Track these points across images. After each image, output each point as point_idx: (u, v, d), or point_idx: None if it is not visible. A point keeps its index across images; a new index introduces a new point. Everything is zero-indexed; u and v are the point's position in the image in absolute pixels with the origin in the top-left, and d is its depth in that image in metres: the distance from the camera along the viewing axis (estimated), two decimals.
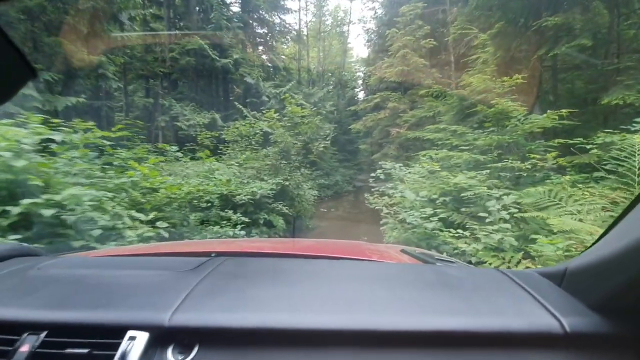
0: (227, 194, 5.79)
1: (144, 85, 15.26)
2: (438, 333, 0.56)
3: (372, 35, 22.45)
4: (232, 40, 15.47)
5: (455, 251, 3.20)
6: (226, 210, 5.46)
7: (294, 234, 7.41)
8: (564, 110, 4.67)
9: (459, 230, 3.46)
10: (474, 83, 7.27)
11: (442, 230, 3.62)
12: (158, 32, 14.91)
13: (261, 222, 6.04)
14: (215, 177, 6.06)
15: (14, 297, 0.67)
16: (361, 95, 23.72)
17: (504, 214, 3.29)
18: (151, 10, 14.88)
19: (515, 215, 3.34)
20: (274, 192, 6.76)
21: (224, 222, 5.36)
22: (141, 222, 3.49)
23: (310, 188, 12.38)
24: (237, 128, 8.24)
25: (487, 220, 3.39)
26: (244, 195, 5.91)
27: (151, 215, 3.67)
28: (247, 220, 5.55)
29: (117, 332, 0.56)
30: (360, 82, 25.57)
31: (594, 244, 0.67)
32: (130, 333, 0.55)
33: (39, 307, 0.62)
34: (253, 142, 8.50)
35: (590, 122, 6.30)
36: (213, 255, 0.98)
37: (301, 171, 10.65)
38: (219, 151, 8.83)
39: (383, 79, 12.31)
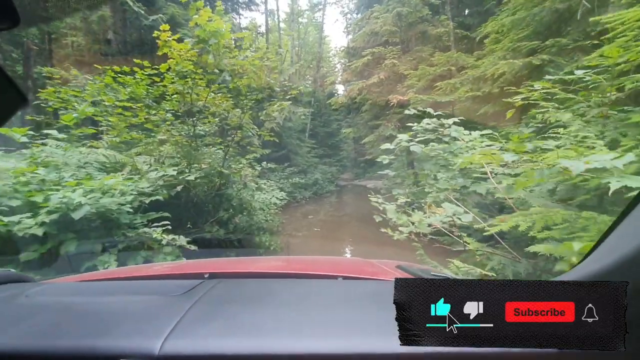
0: None
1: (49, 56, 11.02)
2: (432, 355, 0.55)
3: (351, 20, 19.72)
4: None
5: None
6: None
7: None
8: None
9: None
10: None
11: None
12: None
13: None
14: None
15: (2, 327, 0.65)
16: (341, 89, 20.59)
17: None
18: None
19: None
20: (163, 198, 2.98)
21: None
22: None
23: (279, 189, 8.75)
24: (118, 82, 4.39)
25: None
26: (37, 217, 2.12)
27: None
28: None
29: None
30: (339, 75, 22.72)
31: (589, 254, 0.64)
32: None
33: (27, 337, 0.61)
34: (166, 109, 4.71)
35: None
36: (206, 276, 0.97)
37: (262, 164, 6.99)
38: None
39: (373, 32, 8.76)
